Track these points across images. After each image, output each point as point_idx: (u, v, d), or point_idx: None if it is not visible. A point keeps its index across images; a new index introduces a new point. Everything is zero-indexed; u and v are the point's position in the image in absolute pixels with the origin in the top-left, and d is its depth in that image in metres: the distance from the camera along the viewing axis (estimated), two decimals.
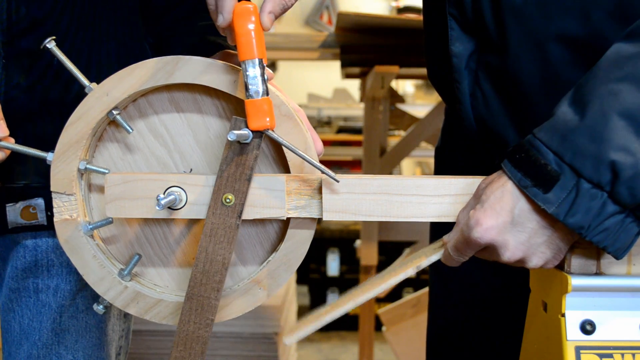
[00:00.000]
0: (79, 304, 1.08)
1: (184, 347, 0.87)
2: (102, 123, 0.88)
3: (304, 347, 3.61)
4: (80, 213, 0.89)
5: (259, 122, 0.81)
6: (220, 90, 0.86)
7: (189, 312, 0.86)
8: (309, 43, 2.44)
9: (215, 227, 0.84)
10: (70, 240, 0.90)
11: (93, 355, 1.10)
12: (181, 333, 0.87)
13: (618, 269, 0.82)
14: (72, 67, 0.88)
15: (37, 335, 1.07)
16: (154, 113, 0.89)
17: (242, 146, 0.83)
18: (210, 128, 0.89)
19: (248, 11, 0.79)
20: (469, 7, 0.93)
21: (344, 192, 0.85)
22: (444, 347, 1.23)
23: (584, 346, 0.80)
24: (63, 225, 0.89)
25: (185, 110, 0.89)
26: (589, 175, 0.74)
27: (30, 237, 1.07)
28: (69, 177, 0.88)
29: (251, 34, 0.79)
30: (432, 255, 0.86)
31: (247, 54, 0.79)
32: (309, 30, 6.25)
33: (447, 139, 1.22)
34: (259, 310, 2.28)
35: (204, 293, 0.86)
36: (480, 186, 0.83)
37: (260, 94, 0.80)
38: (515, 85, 0.92)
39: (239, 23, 0.79)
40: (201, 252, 0.85)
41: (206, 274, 0.85)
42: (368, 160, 2.54)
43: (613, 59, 0.77)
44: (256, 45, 0.79)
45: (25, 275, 1.07)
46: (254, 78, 0.80)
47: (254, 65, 0.79)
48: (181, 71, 0.85)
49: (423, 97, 5.93)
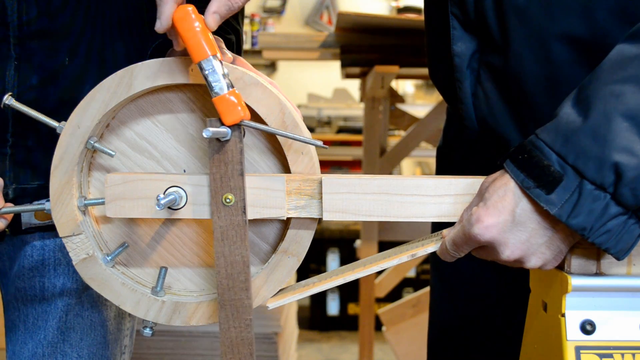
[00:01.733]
0: (84, 302, 1.09)
1: (232, 354, 0.87)
2: (85, 156, 0.88)
3: (304, 347, 3.61)
4: (95, 248, 0.90)
5: (232, 116, 0.80)
6: (182, 84, 0.86)
7: (226, 319, 0.86)
8: (309, 43, 2.44)
9: (224, 229, 0.84)
10: (95, 277, 0.90)
11: (98, 353, 1.10)
12: (225, 341, 0.87)
13: (618, 269, 0.82)
14: (36, 114, 0.89)
15: (42, 334, 1.07)
16: (128, 129, 0.89)
17: (224, 144, 0.82)
18: (187, 124, 0.89)
19: (188, 13, 0.79)
20: (471, 7, 0.93)
21: (344, 192, 0.85)
22: (444, 347, 1.23)
23: (584, 346, 0.80)
24: (83, 265, 0.89)
25: (157, 115, 0.89)
26: (591, 176, 0.73)
27: (39, 237, 1.08)
28: (71, 218, 0.88)
29: (198, 34, 0.79)
30: (428, 247, 0.86)
31: (200, 55, 0.79)
32: (309, 30, 6.25)
33: (449, 138, 1.22)
34: (259, 310, 2.27)
35: (235, 296, 0.86)
36: (483, 184, 0.83)
37: (225, 89, 0.80)
38: (518, 85, 0.92)
39: (183, 26, 0.79)
40: (219, 257, 0.85)
41: (230, 277, 0.85)
42: (368, 160, 2.54)
43: (616, 60, 0.76)
44: (206, 43, 0.79)
45: (32, 274, 1.08)
46: (214, 75, 0.79)
47: (210, 64, 0.79)
48: (138, 79, 0.85)
49: (423, 97, 5.93)
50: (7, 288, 1.11)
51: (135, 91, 0.85)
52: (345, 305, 3.85)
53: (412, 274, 3.67)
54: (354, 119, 5.11)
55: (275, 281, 0.90)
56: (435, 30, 1.06)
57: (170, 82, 0.85)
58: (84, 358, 1.09)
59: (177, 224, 0.91)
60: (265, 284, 0.90)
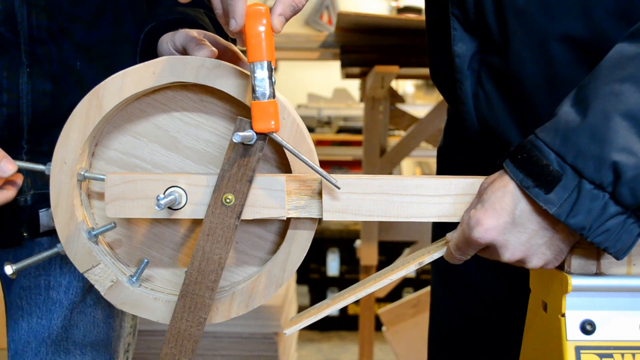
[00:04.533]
0: (87, 299, 1.09)
1: (175, 343, 0.87)
2: (80, 188, 0.89)
3: (304, 347, 3.61)
4: (117, 273, 0.90)
5: (264, 124, 0.80)
6: (150, 90, 0.86)
7: (182, 309, 0.87)
8: (309, 43, 2.44)
9: (213, 226, 0.84)
10: (126, 300, 0.90)
11: (101, 350, 1.11)
12: (173, 330, 0.87)
13: (618, 269, 0.82)
14: (23, 164, 0.91)
15: (46, 332, 1.08)
16: (112, 151, 0.90)
17: (245, 148, 0.82)
18: (164, 127, 0.89)
19: (260, 13, 0.79)
20: (472, 8, 0.93)
21: (344, 192, 0.85)
22: (445, 347, 1.23)
23: (584, 346, 0.80)
24: (111, 292, 0.90)
25: (134, 127, 0.89)
26: (590, 176, 0.73)
27: (47, 236, 1.08)
28: (85, 252, 0.89)
29: (261, 36, 0.78)
30: (434, 253, 0.86)
31: (256, 56, 0.79)
32: (309, 30, 6.25)
33: (449, 139, 1.22)
34: (259, 310, 2.27)
35: (199, 291, 0.86)
36: (482, 185, 0.83)
37: (267, 97, 0.80)
38: (518, 85, 0.92)
39: (250, 24, 0.79)
40: (198, 250, 0.85)
41: (202, 272, 0.86)
42: (368, 160, 2.54)
43: (616, 59, 0.76)
44: (265, 48, 0.79)
45: (38, 273, 1.08)
46: (261, 80, 0.79)
47: (262, 67, 0.79)
48: (106, 99, 0.85)
49: (423, 97, 5.94)
50: (11, 287, 1.11)
51: (107, 110, 0.85)
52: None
53: (412, 274, 3.68)
54: (354, 119, 5.10)
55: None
56: (436, 31, 1.06)
57: (138, 90, 0.85)
58: (87, 355, 1.09)
59: (190, 231, 0.91)
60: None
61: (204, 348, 2.37)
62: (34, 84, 1.01)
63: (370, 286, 0.87)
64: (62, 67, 1.02)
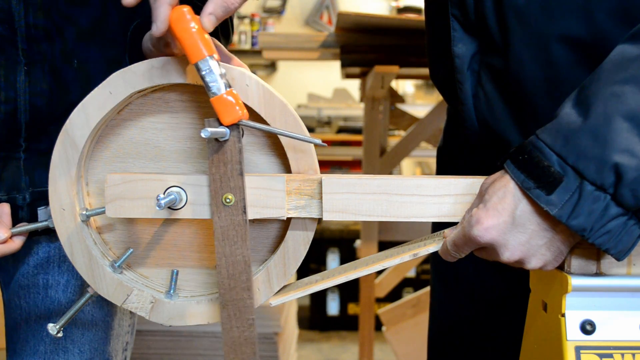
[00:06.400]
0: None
1: (235, 353, 0.87)
2: (87, 228, 0.89)
3: (304, 347, 3.61)
4: (153, 292, 0.90)
5: (230, 116, 0.80)
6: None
7: (228, 318, 0.86)
8: (309, 43, 2.44)
9: (225, 229, 0.84)
10: (172, 315, 0.90)
11: (99, 348, 1.11)
12: (228, 341, 0.87)
13: (618, 269, 0.82)
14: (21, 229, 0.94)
15: (44, 331, 1.08)
16: (103, 171, 0.89)
17: (223, 144, 0.82)
18: (142, 141, 0.88)
19: (184, 14, 0.78)
20: (472, 8, 0.93)
21: (344, 192, 0.85)
22: (445, 347, 1.23)
23: (584, 346, 0.80)
24: (155, 312, 0.90)
25: (112, 151, 0.89)
26: (592, 177, 0.73)
27: (45, 235, 1.09)
28: (115, 285, 0.89)
29: (194, 35, 0.78)
30: (430, 247, 0.86)
31: (197, 55, 0.78)
32: (309, 30, 6.26)
33: (449, 139, 1.22)
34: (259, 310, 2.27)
35: (236, 296, 0.86)
36: (483, 185, 0.83)
37: (222, 90, 0.79)
38: (518, 86, 0.92)
39: (179, 27, 0.78)
40: (220, 257, 0.84)
41: (232, 277, 0.85)
42: (368, 160, 2.54)
43: (617, 60, 0.76)
44: (202, 44, 0.78)
45: (37, 272, 1.08)
46: (211, 76, 0.79)
47: (207, 64, 0.79)
48: (77, 134, 0.85)
49: (423, 97, 5.94)
50: (9, 286, 1.11)
51: (81, 146, 0.86)
52: (345, 305, 3.85)
53: (412, 274, 3.67)
54: (354, 119, 5.11)
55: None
56: (436, 32, 1.06)
57: (103, 115, 0.85)
58: (85, 354, 1.09)
59: (204, 228, 0.91)
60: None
61: (204, 348, 2.37)
62: (31, 82, 1.01)
63: (361, 270, 0.87)
64: (60, 65, 1.02)
